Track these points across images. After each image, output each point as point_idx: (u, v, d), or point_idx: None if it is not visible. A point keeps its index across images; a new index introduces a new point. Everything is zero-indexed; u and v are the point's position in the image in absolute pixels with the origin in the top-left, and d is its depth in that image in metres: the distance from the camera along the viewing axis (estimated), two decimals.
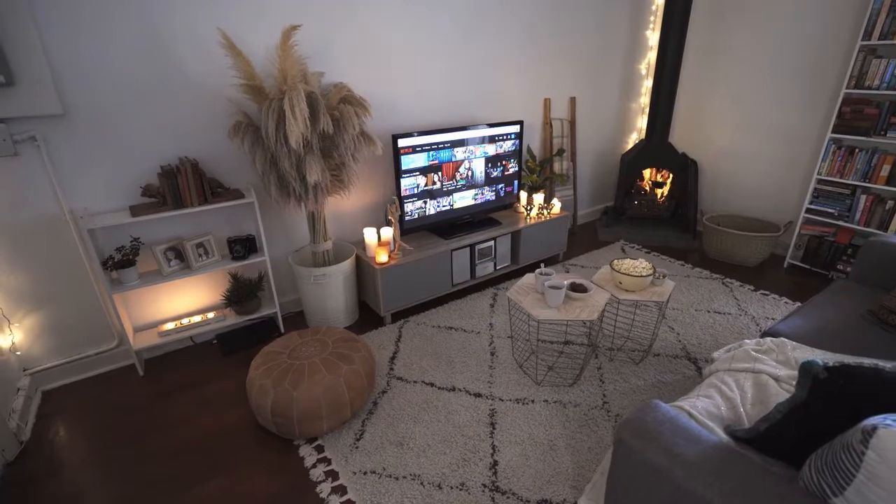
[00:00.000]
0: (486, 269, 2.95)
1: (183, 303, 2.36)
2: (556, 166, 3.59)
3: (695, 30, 3.62)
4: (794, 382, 1.34)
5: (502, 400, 1.99)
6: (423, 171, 2.65)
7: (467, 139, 2.76)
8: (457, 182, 2.83)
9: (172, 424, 1.91)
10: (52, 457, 1.76)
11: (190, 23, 1.98)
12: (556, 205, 3.23)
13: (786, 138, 3.28)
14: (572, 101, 3.59)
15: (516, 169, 3.09)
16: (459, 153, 2.77)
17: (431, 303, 2.80)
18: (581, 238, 3.80)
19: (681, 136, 3.94)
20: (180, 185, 2.02)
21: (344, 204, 2.72)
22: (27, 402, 1.93)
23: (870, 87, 2.66)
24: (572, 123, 3.65)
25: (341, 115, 1.99)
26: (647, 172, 3.90)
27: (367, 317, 2.67)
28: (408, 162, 2.57)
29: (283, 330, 2.52)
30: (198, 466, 1.71)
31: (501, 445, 1.75)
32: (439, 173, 2.73)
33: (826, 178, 2.94)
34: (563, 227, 3.27)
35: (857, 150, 2.78)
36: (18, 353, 2.01)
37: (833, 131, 2.84)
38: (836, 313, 1.80)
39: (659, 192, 3.88)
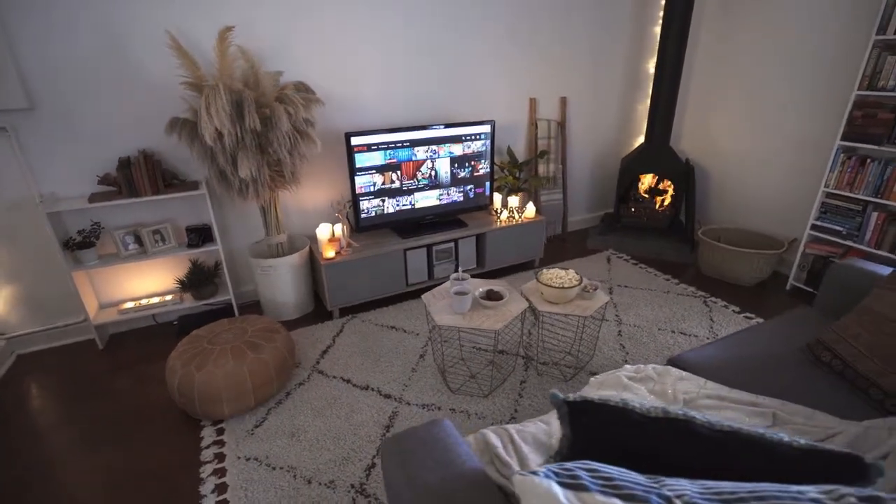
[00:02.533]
0: (446, 270, 2.91)
1: (146, 285, 2.55)
2: (542, 168, 3.46)
3: (704, 28, 3.33)
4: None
5: (409, 404, 1.96)
6: (380, 169, 2.67)
7: (428, 138, 2.73)
8: (418, 182, 2.81)
9: (107, 394, 2.08)
10: (9, 408, 1.98)
11: (148, 24, 2.14)
12: (530, 209, 3.12)
13: (795, 145, 2.94)
14: (563, 101, 3.44)
15: (488, 170, 3.02)
16: (420, 152, 2.75)
17: (387, 301, 2.81)
18: (569, 245, 3.63)
19: (689, 142, 3.65)
20: (134, 175, 2.19)
21: (305, 199, 2.80)
22: None
23: (884, 88, 2.31)
24: (562, 124, 3.49)
25: (273, 112, 2.05)
26: (646, 178, 3.64)
27: (320, 310, 2.74)
28: (362, 160, 2.60)
29: (236, 314, 2.65)
30: (109, 433, 1.85)
31: None
32: (398, 172, 2.73)
33: (834, 191, 2.59)
34: (538, 232, 3.14)
35: (868, 161, 2.43)
36: None
37: (842, 138, 2.50)
38: (772, 345, 1.59)
39: (659, 199, 3.61)
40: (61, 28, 2.02)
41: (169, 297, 2.55)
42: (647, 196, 3.65)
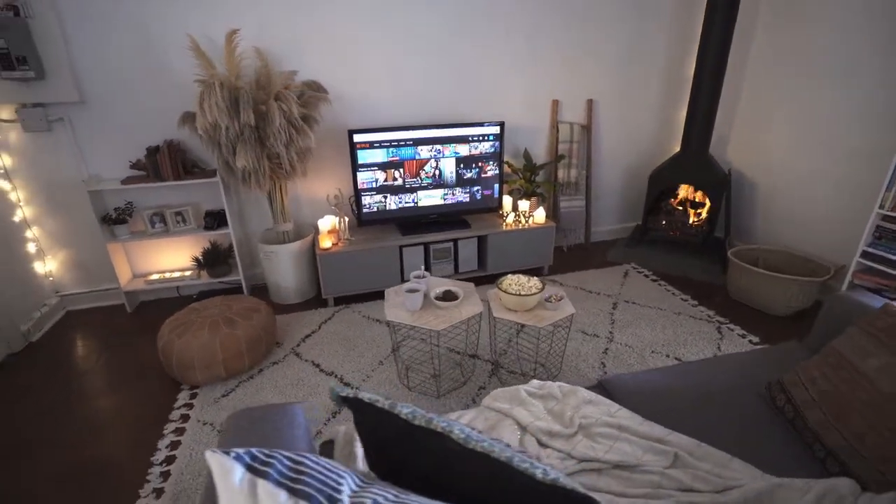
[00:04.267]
0: (443, 270, 2.92)
1: (171, 260, 2.87)
2: (562, 173, 3.32)
3: (760, 26, 2.98)
4: (544, 438, 1.14)
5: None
6: (382, 166, 2.74)
7: (432, 138, 2.75)
8: (421, 180, 2.85)
9: (120, 351, 2.38)
10: (41, 355, 2.36)
11: (176, 27, 2.40)
12: (540, 214, 3.01)
13: (847, 157, 2.54)
14: (589, 103, 3.27)
15: (497, 172, 2.97)
16: (424, 151, 2.78)
17: (381, 294, 2.88)
18: (590, 256, 3.44)
19: (737, 151, 3.29)
20: (160, 162, 2.49)
21: (316, 190, 2.97)
22: (47, 315, 2.61)
23: None
24: (588, 128, 3.32)
25: (268, 109, 2.21)
26: (681, 189, 3.34)
27: (320, 297, 2.88)
28: (365, 157, 2.69)
29: (245, 294, 2.88)
30: (108, 384, 2.13)
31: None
32: (401, 170, 2.78)
33: (890, 213, 2.19)
34: (547, 238, 3.03)
35: None
36: (51, 278, 2.71)
37: None
38: (733, 379, 1.40)
39: (693, 213, 3.30)
40: (104, 32, 2.34)
41: (188, 273, 2.84)
42: (680, 208, 3.35)
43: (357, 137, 2.63)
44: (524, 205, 3.04)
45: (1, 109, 2.35)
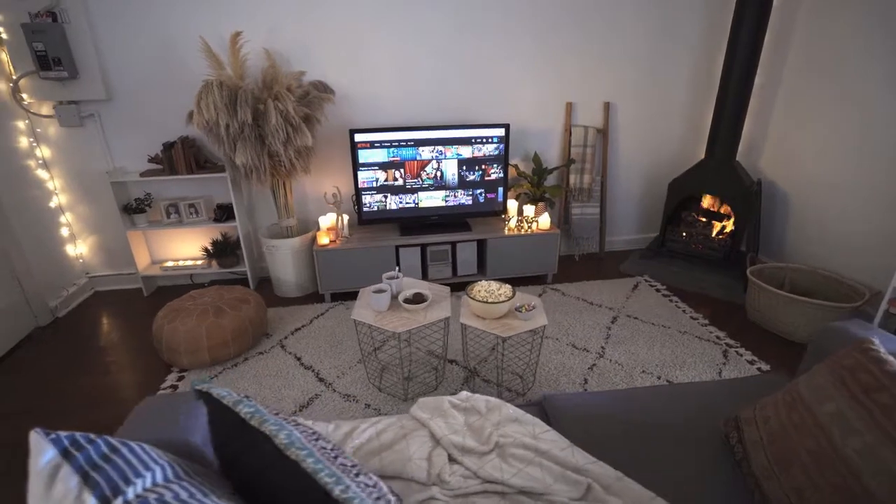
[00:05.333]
0: (441, 272, 2.89)
1: (186, 249, 3.05)
2: (573, 178, 3.18)
3: (800, 25, 2.71)
4: (456, 453, 1.09)
5: (334, 391, 2.03)
6: (383, 166, 2.76)
7: (433, 139, 2.74)
8: (422, 181, 2.84)
9: (126, 332, 2.56)
10: (63, 330, 2.59)
11: (192, 30, 2.55)
12: (544, 220, 2.91)
13: (889, 169, 2.23)
14: (606, 106, 3.11)
15: (500, 175, 2.90)
16: (425, 152, 2.77)
17: None
18: (603, 265, 3.29)
19: (770, 160, 3.01)
20: (174, 157, 2.65)
21: (323, 188, 3.03)
22: (75, 294, 2.85)
23: None
24: (604, 132, 3.16)
25: (266, 108, 2.29)
26: (706, 200, 3.10)
27: (319, 293, 2.95)
28: (365, 156, 2.72)
29: (251, 286, 3.00)
30: (110, 362, 2.29)
31: None
32: (401, 170, 2.79)
33: None
34: (551, 245, 2.92)
35: None
36: (81, 260, 2.96)
37: None
38: (686, 410, 1.28)
39: (718, 225, 3.05)
40: (129, 34, 2.53)
41: (200, 262, 3.01)
42: (703, 220, 3.11)
43: (358, 137, 2.66)
44: (529, 210, 2.95)
45: (41, 106, 2.59)
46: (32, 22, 2.37)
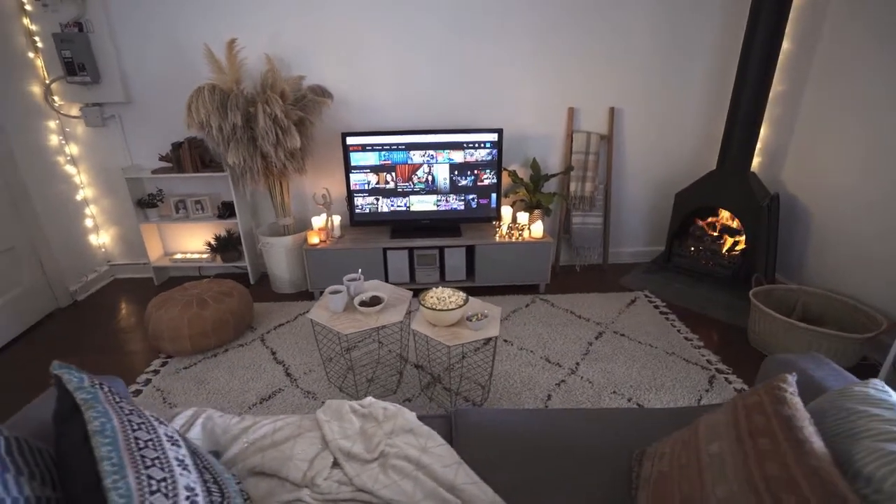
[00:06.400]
0: (428, 276, 2.88)
1: (195, 243, 3.23)
2: (574, 186, 3.07)
3: (828, 26, 2.47)
4: (341, 458, 1.08)
5: (298, 386, 2.08)
6: (374, 169, 2.80)
7: (424, 143, 2.74)
8: (414, 185, 2.85)
9: (133, 317, 2.75)
10: (79, 312, 2.83)
11: (200, 37, 2.71)
12: (537, 228, 2.83)
13: None
14: (611, 111, 2.98)
15: (494, 181, 2.86)
16: (416, 156, 2.78)
17: None
18: (604, 278, 3.15)
19: (793, 172, 2.76)
20: (182, 156, 2.83)
21: (320, 188, 3.12)
22: (95, 280, 3.11)
23: None
24: (609, 139, 3.03)
25: (255, 111, 2.39)
26: (722, 213, 2.89)
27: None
28: (357, 159, 2.77)
29: (251, 281, 3.14)
30: (111, 344, 2.47)
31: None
32: (392, 174, 2.82)
33: None
34: (543, 254, 2.83)
35: None
36: (103, 249, 3.22)
37: None
38: (604, 436, 1.20)
39: (730, 241, 2.84)
40: (146, 42, 2.72)
41: (206, 256, 3.18)
42: (713, 234, 2.90)
43: (350, 140, 2.72)
44: (524, 217, 2.88)
45: (70, 108, 2.85)
46: (62, 32, 2.62)
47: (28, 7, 2.60)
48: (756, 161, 3.01)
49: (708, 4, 2.76)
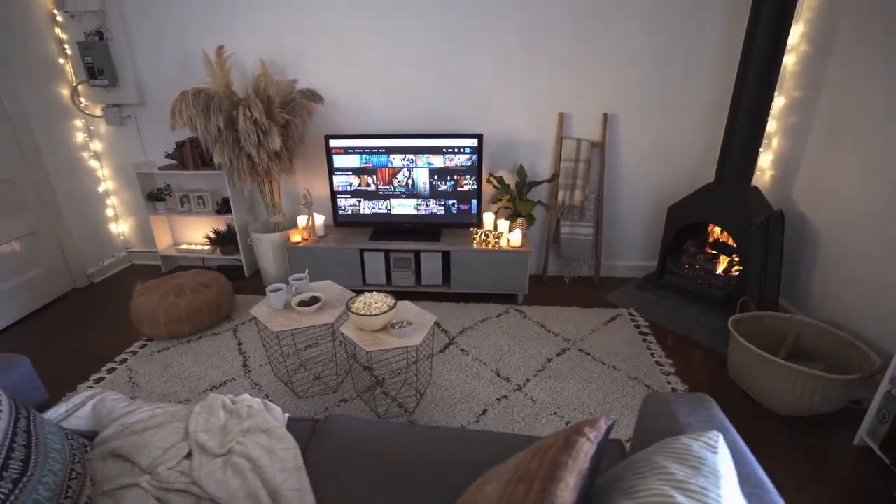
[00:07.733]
0: (404, 279, 2.89)
1: (201, 235, 3.46)
2: (561, 195, 2.96)
3: (843, 31, 2.21)
4: (195, 450, 1.12)
5: (249, 378, 2.17)
6: (356, 171, 2.85)
7: (403, 147, 2.76)
8: (394, 188, 2.87)
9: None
10: (93, 294, 3.12)
11: (202, 43, 2.90)
12: (516, 236, 2.76)
13: None
14: (605, 118, 2.84)
15: (474, 186, 2.82)
16: (397, 160, 2.80)
17: None
18: (593, 292, 3.00)
19: (804, 189, 2.49)
20: (184, 154, 3.04)
21: (312, 188, 3.23)
22: (111, 265, 3.41)
23: None
24: (602, 146, 2.89)
25: (238, 114, 2.52)
26: (716, 229, 2.67)
27: None
28: (340, 161, 2.84)
29: (245, 273, 3.31)
30: (109, 325, 2.70)
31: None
32: (374, 176, 2.86)
33: None
34: (521, 264, 2.75)
35: None
36: (122, 237, 3.53)
37: None
38: (478, 457, 1.15)
39: (725, 260, 2.61)
40: (157, 48, 2.95)
41: (207, 248, 3.40)
42: (709, 252, 2.68)
43: (332, 143, 2.79)
44: (503, 224, 2.82)
45: (95, 108, 3.16)
46: (86, 40, 2.90)
47: (59, 18, 2.91)
48: (768, 174, 2.75)
49: (710, 4, 2.55)
